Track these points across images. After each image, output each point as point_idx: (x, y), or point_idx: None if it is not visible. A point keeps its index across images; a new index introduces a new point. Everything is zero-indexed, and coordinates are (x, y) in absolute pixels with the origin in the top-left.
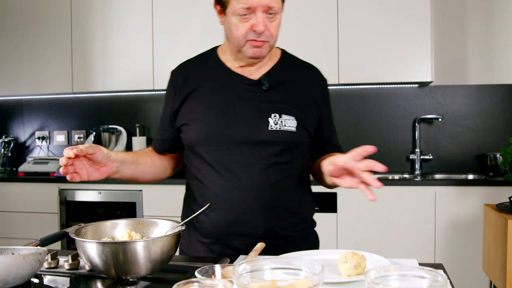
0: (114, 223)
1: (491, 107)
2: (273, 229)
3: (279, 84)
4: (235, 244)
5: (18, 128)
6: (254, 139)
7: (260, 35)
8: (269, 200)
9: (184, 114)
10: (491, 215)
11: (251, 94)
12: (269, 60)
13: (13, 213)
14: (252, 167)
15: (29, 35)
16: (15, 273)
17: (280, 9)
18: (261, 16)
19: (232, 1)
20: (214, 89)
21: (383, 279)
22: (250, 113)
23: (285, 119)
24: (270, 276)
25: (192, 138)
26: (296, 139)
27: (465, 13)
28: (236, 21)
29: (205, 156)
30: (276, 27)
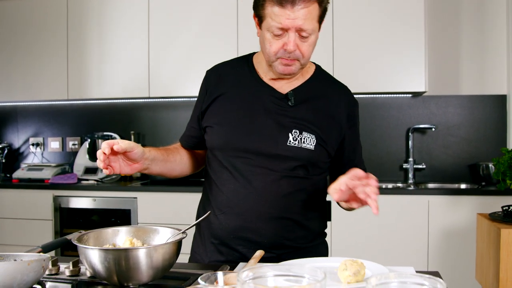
0: (116, 230)
1: (483, 117)
2: (279, 239)
3: (305, 101)
4: (240, 249)
5: (12, 134)
6: (271, 152)
7: (290, 54)
8: (278, 211)
9: (210, 116)
10: (484, 224)
11: (276, 108)
12: (301, 75)
13: (7, 220)
14: (266, 177)
15: (24, 41)
16: (19, 279)
17: (315, 30)
18: (293, 36)
19: (268, 18)
20: (242, 96)
21: (383, 286)
22: (272, 126)
23: (305, 136)
24: (273, 283)
25: (213, 142)
26: (313, 157)
27: (458, 24)
28: (269, 37)
29: (223, 161)
30: (308, 47)
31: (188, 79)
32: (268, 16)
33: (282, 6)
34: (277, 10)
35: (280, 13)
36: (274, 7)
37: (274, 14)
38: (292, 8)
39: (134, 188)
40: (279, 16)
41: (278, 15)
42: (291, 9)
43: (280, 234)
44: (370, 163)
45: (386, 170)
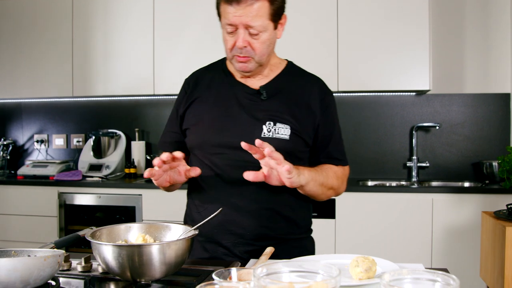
0: (128, 226)
1: (487, 116)
2: (262, 230)
3: (277, 94)
4: (224, 243)
5: (16, 131)
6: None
7: (242, 51)
8: (260, 202)
9: (188, 119)
10: (489, 222)
11: (249, 103)
12: (271, 71)
13: (12, 216)
14: (244, 170)
15: (30, 38)
16: (36, 274)
17: (267, 27)
18: (242, 32)
19: (222, 16)
20: (217, 96)
21: (397, 282)
22: (246, 120)
23: (279, 127)
24: (287, 279)
25: (192, 142)
26: (289, 147)
27: (462, 23)
28: (225, 35)
29: (203, 158)
30: (261, 45)
31: None
32: (222, 15)
33: (229, 3)
34: (226, 8)
35: (228, 10)
36: (224, 5)
37: (224, 12)
38: (238, 5)
39: (139, 185)
40: (228, 13)
41: (227, 12)
42: (237, 6)
43: (264, 225)
44: (374, 161)
45: (390, 168)
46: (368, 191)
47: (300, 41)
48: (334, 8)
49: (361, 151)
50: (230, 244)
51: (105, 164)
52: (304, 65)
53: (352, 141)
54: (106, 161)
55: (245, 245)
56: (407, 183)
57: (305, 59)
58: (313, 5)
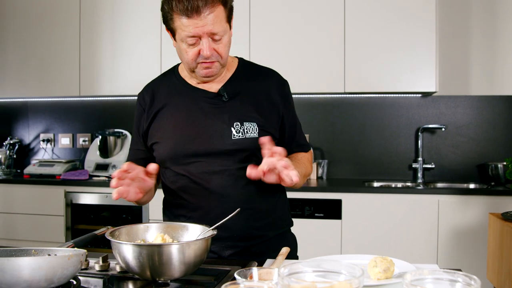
0: (146, 226)
1: (492, 118)
2: (247, 230)
3: (238, 93)
4: (213, 249)
5: (23, 130)
6: (219, 149)
7: (208, 58)
8: (241, 203)
9: (153, 133)
10: (496, 224)
11: (212, 107)
12: (227, 71)
13: (19, 215)
14: (221, 174)
15: (36, 37)
16: (60, 273)
17: (226, 30)
18: (206, 41)
19: (178, 29)
20: (178, 106)
21: (419, 281)
22: (213, 125)
23: (247, 126)
24: (310, 278)
25: (162, 155)
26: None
27: (469, 25)
28: (185, 47)
29: (177, 170)
30: (224, 47)
31: None
32: (179, 28)
33: (189, 16)
34: (185, 21)
35: (189, 23)
36: (182, 19)
37: (183, 25)
38: (198, 16)
39: None
40: (188, 26)
41: (187, 25)
42: (198, 17)
43: (248, 224)
44: (379, 162)
45: (396, 169)
46: (374, 192)
47: (307, 43)
48: (341, 10)
49: (367, 152)
50: (218, 249)
51: (111, 163)
52: (311, 66)
53: (358, 142)
54: (112, 160)
55: (232, 247)
56: (413, 184)
57: (312, 61)
58: (320, 7)
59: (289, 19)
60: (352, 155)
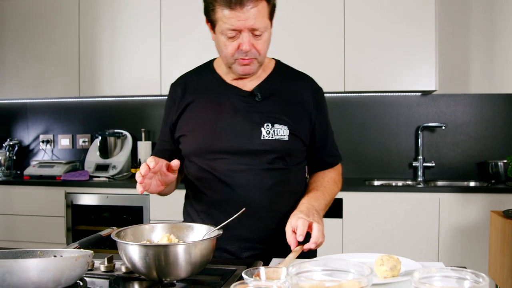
0: (152, 226)
1: (492, 116)
2: (268, 233)
3: (271, 95)
4: (230, 248)
5: (22, 131)
6: (247, 148)
7: (247, 53)
8: (263, 205)
9: (181, 126)
10: (498, 222)
11: (244, 105)
12: (263, 71)
13: (19, 216)
14: (246, 174)
15: (36, 38)
16: (67, 274)
17: (267, 27)
18: (246, 36)
19: (219, 21)
20: (210, 101)
21: (427, 279)
22: (244, 124)
23: (278, 128)
24: (319, 277)
25: (188, 149)
26: (289, 147)
27: (468, 23)
28: (224, 40)
29: (202, 165)
30: (263, 44)
31: None
32: (220, 20)
33: (232, 8)
34: (227, 13)
35: (231, 15)
36: (224, 10)
37: (225, 17)
38: (241, 9)
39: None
40: (230, 18)
41: (229, 17)
42: (241, 10)
43: (269, 227)
44: (379, 161)
45: (396, 168)
46: (374, 190)
47: (306, 42)
48: (341, 9)
49: (367, 151)
50: (236, 249)
51: (111, 164)
52: (311, 65)
53: (358, 141)
54: (112, 161)
55: (251, 249)
56: (413, 182)
57: (311, 60)
58: (320, 6)
59: (289, 18)
60: (353, 154)
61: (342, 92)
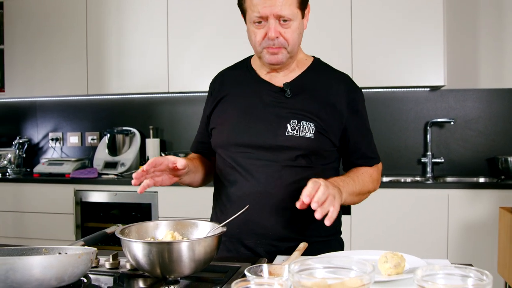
0: (156, 223)
1: (501, 111)
2: (285, 231)
3: (302, 92)
4: (247, 243)
5: (32, 129)
6: (271, 143)
7: (274, 41)
8: (283, 202)
9: (214, 118)
10: (507, 218)
11: (273, 100)
12: (297, 67)
13: (29, 214)
14: (267, 169)
15: (44, 37)
16: (70, 271)
17: (296, 16)
18: (273, 23)
19: (248, 10)
20: (241, 95)
21: (430, 277)
22: (270, 119)
23: (304, 125)
24: (321, 274)
25: (216, 141)
26: (313, 145)
27: (476, 17)
28: (253, 28)
29: (226, 158)
30: (292, 34)
31: (208, 73)
32: (249, 8)
33: None
34: (255, 1)
35: (257, 2)
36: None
37: (252, 5)
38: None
39: None
40: (256, 5)
41: (255, 4)
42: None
43: (287, 225)
44: (388, 157)
45: (404, 164)
46: (383, 187)
47: (313, 37)
48: (348, 4)
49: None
50: (253, 244)
51: (120, 161)
52: None
53: None
54: (121, 158)
55: (268, 245)
56: (422, 179)
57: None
58: (327, 2)
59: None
60: None
61: None
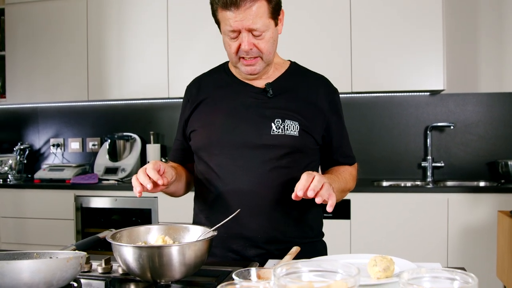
0: (147, 228)
1: (502, 115)
2: (273, 233)
3: (284, 92)
4: (235, 247)
5: (33, 135)
6: (255, 143)
7: (248, 53)
8: (269, 203)
9: (193, 122)
10: (505, 222)
11: (256, 101)
12: (276, 70)
13: (29, 219)
14: (252, 171)
15: (45, 43)
16: (59, 276)
17: (268, 26)
18: (246, 36)
19: (221, 22)
20: (222, 97)
21: (416, 280)
22: (254, 119)
23: (288, 124)
24: (307, 278)
25: (197, 143)
26: (298, 143)
27: (476, 21)
28: (227, 40)
29: (208, 161)
30: (266, 44)
31: None
32: (221, 21)
33: (228, 9)
34: (225, 14)
35: (228, 16)
36: (222, 12)
37: (224, 18)
38: (237, 10)
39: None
40: (228, 19)
41: (227, 18)
42: (237, 11)
43: (274, 227)
44: (388, 161)
45: (405, 168)
46: (383, 191)
47: (313, 42)
48: (347, 8)
49: (376, 151)
50: (241, 248)
51: (120, 167)
52: (317, 66)
53: (366, 142)
54: (121, 164)
55: (256, 248)
56: (422, 183)
57: (318, 60)
58: (326, 6)
59: (295, 18)
60: (361, 154)
61: (349, 92)
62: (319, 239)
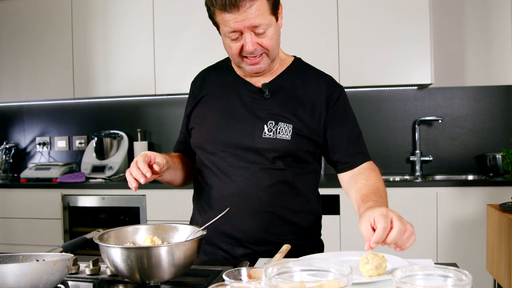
0: (136, 228)
1: (489, 108)
2: (263, 235)
3: (281, 92)
4: (224, 246)
5: (18, 134)
6: (247, 145)
7: (253, 53)
8: (260, 205)
9: (194, 118)
10: (495, 215)
11: (251, 101)
12: (279, 66)
13: (16, 219)
14: (245, 171)
15: (30, 41)
16: (46, 279)
17: (270, 23)
18: (249, 36)
19: (221, 25)
20: (221, 95)
21: (409, 278)
22: (248, 119)
23: (281, 127)
24: (299, 277)
25: (194, 141)
26: (290, 148)
27: (463, 16)
28: (228, 41)
29: (203, 159)
30: (270, 40)
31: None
32: (221, 23)
33: (228, 11)
34: (225, 16)
35: (229, 18)
36: (221, 14)
37: (224, 20)
38: (237, 11)
39: (143, 186)
40: (228, 21)
41: (227, 20)
42: (238, 12)
43: (264, 229)
44: (377, 156)
45: (393, 163)
46: None
47: (300, 37)
48: (334, 3)
49: None
50: (230, 247)
51: (108, 165)
52: (305, 61)
53: None
54: (109, 162)
55: (245, 248)
56: (411, 177)
57: (305, 55)
58: (314, 1)
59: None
60: None
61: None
62: (312, 240)
